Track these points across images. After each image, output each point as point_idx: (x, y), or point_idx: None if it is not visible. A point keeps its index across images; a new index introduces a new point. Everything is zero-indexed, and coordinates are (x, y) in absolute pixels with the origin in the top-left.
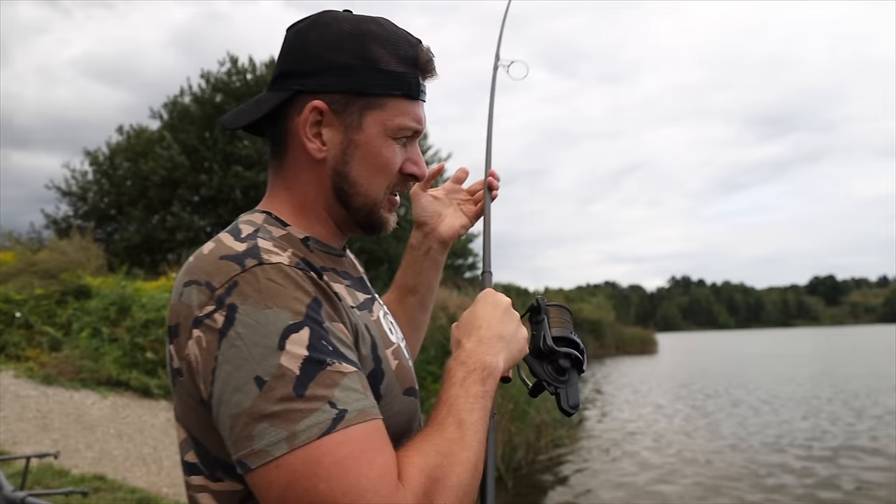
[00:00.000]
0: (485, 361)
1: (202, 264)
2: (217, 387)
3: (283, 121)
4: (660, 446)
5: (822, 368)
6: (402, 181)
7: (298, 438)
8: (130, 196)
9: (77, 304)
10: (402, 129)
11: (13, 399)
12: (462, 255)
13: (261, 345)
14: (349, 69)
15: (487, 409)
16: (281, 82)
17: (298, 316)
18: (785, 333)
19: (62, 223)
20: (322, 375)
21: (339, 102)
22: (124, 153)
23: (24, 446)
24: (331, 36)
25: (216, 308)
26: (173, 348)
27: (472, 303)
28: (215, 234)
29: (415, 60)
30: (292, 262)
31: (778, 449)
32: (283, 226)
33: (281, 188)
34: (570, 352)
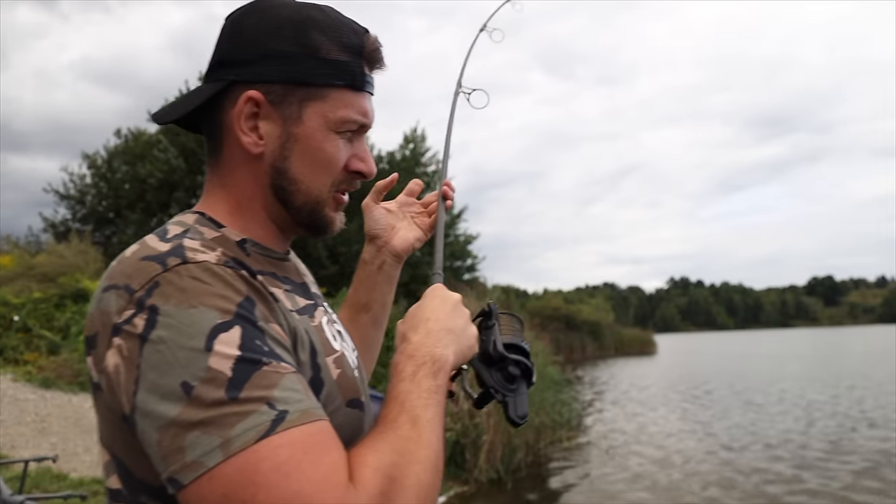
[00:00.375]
0: (434, 354)
1: (122, 268)
2: (140, 398)
3: (217, 114)
4: (659, 447)
5: (821, 369)
6: (347, 178)
7: (234, 444)
8: (128, 199)
9: (75, 308)
10: (346, 122)
11: (11, 403)
12: (461, 256)
13: (186, 347)
14: (288, 57)
15: (442, 404)
16: (215, 72)
17: (227, 315)
18: (784, 334)
19: (60, 226)
20: (258, 375)
21: (276, 93)
22: (122, 156)
23: (23, 450)
24: (268, 22)
25: (136, 311)
26: (91, 361)
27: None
28: None
29: (360, 49)
30: (220, 260)
31: (776, 451)
32: (218, 227)
33: (217, 187)
34: (521, 359)
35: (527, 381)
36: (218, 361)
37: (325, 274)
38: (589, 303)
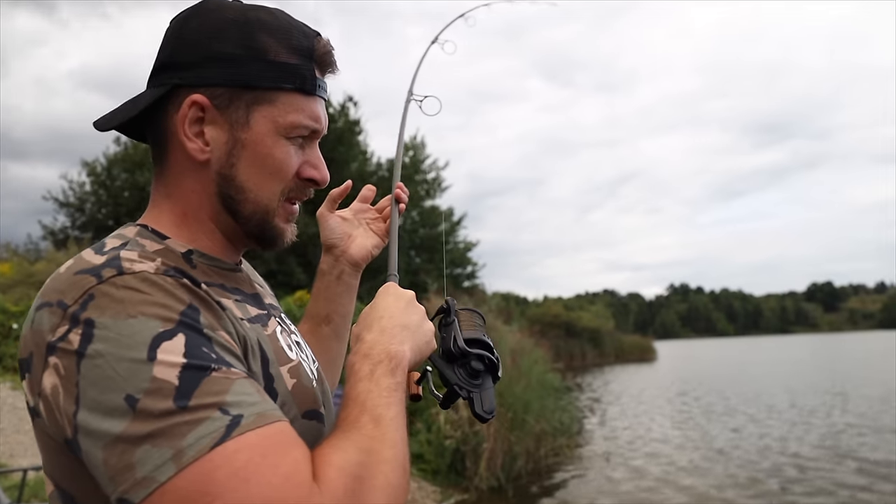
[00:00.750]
0: (390, 351)
1: (55, 284)
2: (82, 417)
3: (162, 119)
4: (659, 455)
5: (820, 375)
6: (299, 186)
7: (187, 455)
8: (128, 207)
9: None
10: (296, 127)
11: (10, 411)
12: (461, 264)
13: (127, 359)
14: (233, 59)
15: (402, 402)
16: (159, 76)
17: (170, 323)
18: (784, 340)
19: (60, 234)
20: (207, 382)
21: (222, 97)
22: (122, 164)
23: (21, 459)
24: (213, 24)
25: (70, 327)
26: (27, 385)
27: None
28: None
29: (310, 52)
30: (159, 269)
31: (775, 458)
32: (161, 239)
33: (162, 197)
34: (483, 354)
35: (492, 376)
36: (162, 371)
37: (297, 283)
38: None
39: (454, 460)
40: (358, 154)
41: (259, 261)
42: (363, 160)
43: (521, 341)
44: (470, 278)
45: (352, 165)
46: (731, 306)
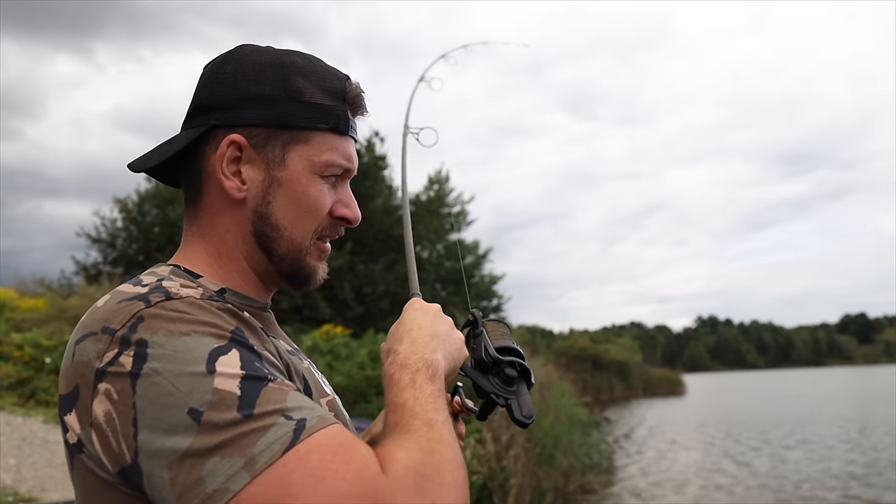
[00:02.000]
0: (426, 359)
1: (96, 315)
2: (143, 438)
3: (198, 160)
4: (690, 491)
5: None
6: (332, 225)
7: (259, 461)
8: (158, 242)
9: None
10: (331, 166)
11: (42, 445)
12: (487, 296)
13: (186, 373)
14: (270, 100)
15: (447, 409)
16: (195, 118)
17: (223, 339)
18: (817, 373)
19: (92, 269)
20: (266, 391)
21: (259, 136)
22: (152, 200)
23: (52, 493)
24: (249, 67)
25: (120, 350)
26: (71, 419)
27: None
28: None
29: (343, 94)
30: (204, 296)
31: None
32: (194, 277)
33: (196, 237)
34: (515, 360)
35: (526, 382)
36: (223, 382)
37: (352, 315)
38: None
39: (481, 496)
40: (383, 189)
41: (286, 296)
42: (388, 195)
43: (548, 374)
44: (495, 311)
45: (377, 200)
46: (761, 338)
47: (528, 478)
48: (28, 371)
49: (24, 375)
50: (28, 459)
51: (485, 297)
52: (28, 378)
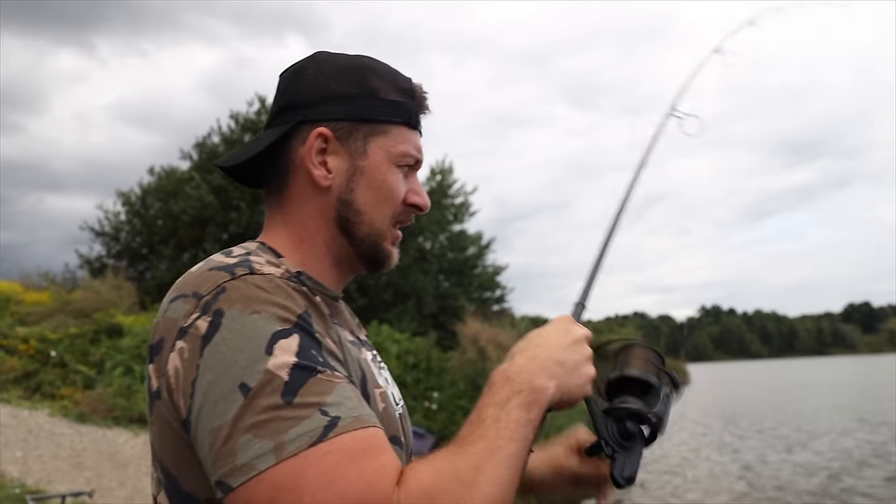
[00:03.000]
0: (534, 384)
1: (191, 278)
2: (198, 398)
3: (284, 153)
4: (694, 480)
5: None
6: (405, 211)
7: (286, 449)
8: (161, 235)
9: (110, 343)
10: (405, 156)
11: (48, 437)
12: (490, 287)
13: (247, 350)
14: (351, 97)
15: (528, 440)
16: (281, 117)
17: (287, 323)
18: (821, 362)
19: (95, 263)
20: (312, 382)
21: (343, 130)
22: (155, 193)
23: (59, 484)
24: (329, 69)
25: (201, 314)
26: (153, 368)
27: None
28: None
29: (411, 93)
30: (284, 275)
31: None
32: (277, 257)
33: (279, 224)
34: (642, 414)
35: (646, 439)
36: (276, 365)
37: (355, 307)
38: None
39: None
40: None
41: None
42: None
43: None
44: (499, 302)
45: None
46: (764, 328)
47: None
48: (33, 364)
49: (30, 369)
50: (34, 452)
51: (488, 288)
52: (34, 371)
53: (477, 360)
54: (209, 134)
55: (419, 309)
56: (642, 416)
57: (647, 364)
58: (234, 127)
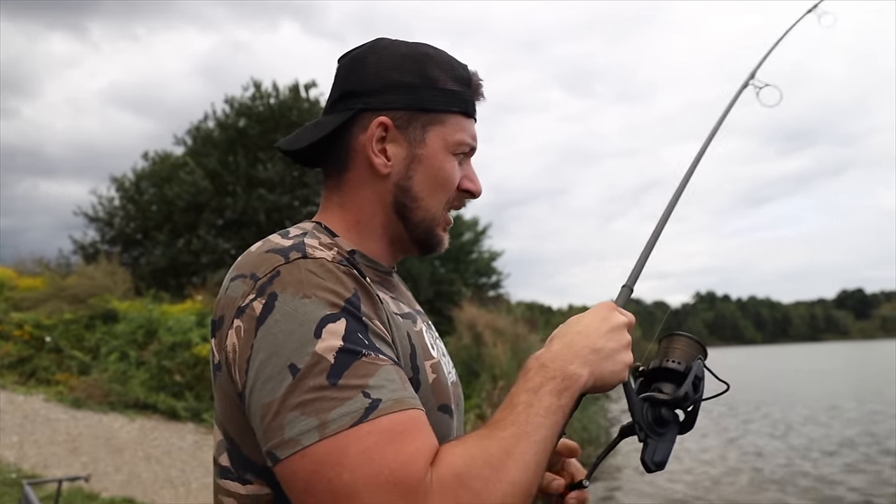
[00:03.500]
0: (567, 371)
1: (249, 259)
2: (251, 375)
3: (345, 139)
4: (688, 465)
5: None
6: (458, 197)
7: (329, 427)
8: (156, 221)
9: (105, 328)
10: (462, 145)
11: (44, 423)
12: (486, 273)
13: (297, 333)
14: (411, 87)
15: (558, 426)
16: (341, 103)
17: (336, 307)
18: (814, 348)
19: (90, 248)
20: (357, 365)
21: (402, 119)
22: (149, 179)
23: (55, 469)
24: (390, 58)
25: (256, 296)
26: (215, 342)
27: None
28: (239, 257)
29: (468, 81)
30: (335, 258)
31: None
32: (332, 236)
33: (336, 205)
34: (672, 398)
35: (680, 426)
36: (323, 348)
37: None
38: None
39: None
40: None
41: None
42: None
43: None
44: (495, 288)
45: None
46: (759, 314)
47: None
48: (28, 350)
49: (25, 354)
50: (30, 437)
51: (484, 274)
52: (28, 357)
53: (473, 346)
54: (204, 118)
55: (415, 294)
56: (677, 404)
57: (687, 355)
58: (229, 112)
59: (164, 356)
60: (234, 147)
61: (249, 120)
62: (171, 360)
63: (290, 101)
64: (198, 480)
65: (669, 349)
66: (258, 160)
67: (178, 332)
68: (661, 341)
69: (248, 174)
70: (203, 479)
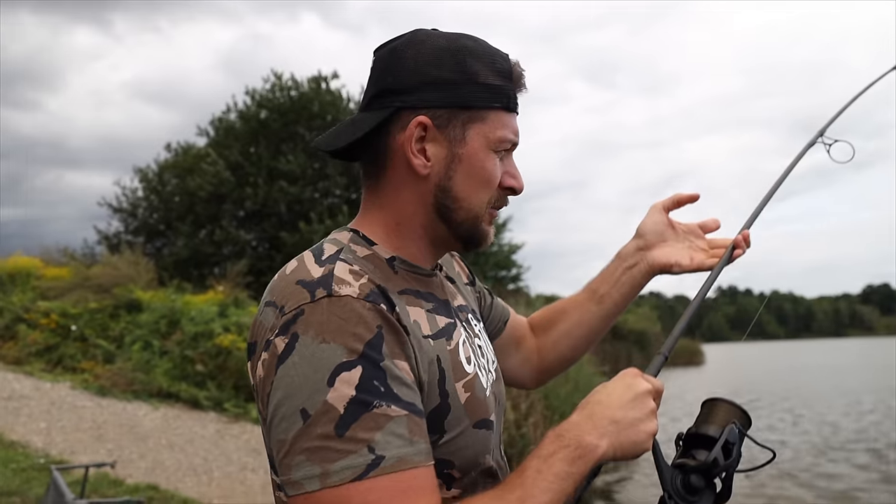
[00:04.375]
0: (583, 441)
1: (282, 285)
2: (270, 410)
3: (383, 138)
4: None
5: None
6: (501, 195)
7: (331, 479)
8: (178, 212)
9: (129, 318)
10: (503, 142)
11: (70, 410)
12: (506, 266)
13: (312, 378)
14: (450, 84)
15: (565, 492)
16: (379, 101)
17: (354, 354)
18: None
19: (113, 239)
20: (366, 417)
21: (441, 117)
22: (172, 170)
23: (81, 455)
24: (428, 52)
25: (280, 333)
26: (250, 365)
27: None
28: (260, 248)
29: (509, 74)
30: (362, 293)
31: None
32: (370, 245)
33: (375, 207)
34: (701, 465)
35: (715, 495)
36: (335, 398)
37: None
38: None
39: None
40: None
41: None
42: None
43: None
44: (514, 281)
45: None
46: (781, 309)
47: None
48: (55, 338)
49: (51, 342)
50: (57, 423)
51: (504, 267)
52: (55, 345)
53: None
54: (227, 110)
55: None
56: (708, 470)
57: (725, 420)
58: (250, 104)
59: (186, 346)
60: (256, 139)
61: (270, 112)
62: (193, 350)
63: (312, 93)
64: (220, 469)
65: (709, 414)
66: (280, 152)
67: (200, 322)
68: (702, 405)
69: (270, 166)
70: (225, 468)
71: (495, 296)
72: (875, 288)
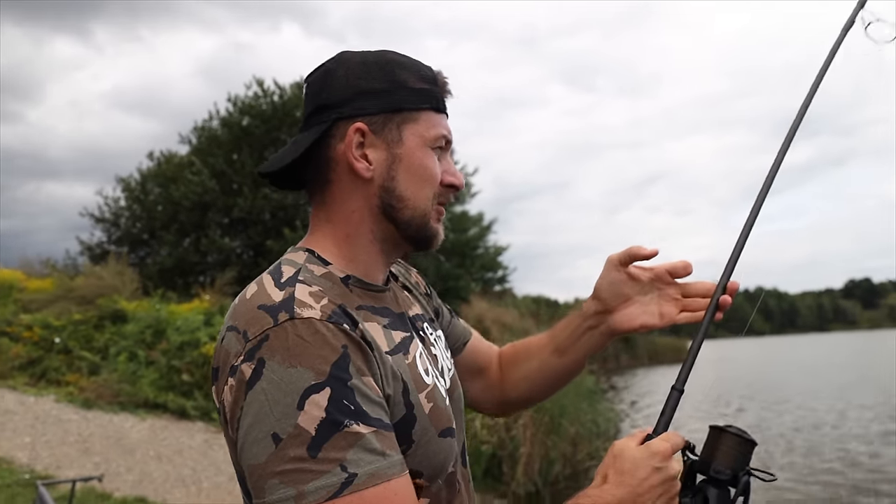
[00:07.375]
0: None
1: (243, 310)
2: (240, 435)
3: (324, 151)
4: None
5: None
6: (443, 192)
7: (306, 499)
8: (162, 221)
9: (114, 329)
10: (438, 138)
11: (55, 423)
12: (491, 268)
13: (282, 403)
14: (382, 92)
15: None
16: (316, 117)
17: (321, 376)
18: (821, 339)
19: (97, 249)
20: (337, 437)
21: (377, 122)
22: (155, 179)
23: (68, 470)
24: (357, 68)
25: (246, 359)
26: (215, 390)
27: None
28: (245, 256)
29: (434, 80)
30: (324, 314)
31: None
32: (325, 264)
33: (323, 221)
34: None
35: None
36: (305, 420)
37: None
38: None
39: (490, 465)
40: None
41: None
42: None
43: None
44: (500, 282)
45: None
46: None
47: (537, 447)
48: (38, 351)
49: (35, 355)
50: (42, 438)
51: (489, 269)
52: (38, 358)
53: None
54: (209, 118)
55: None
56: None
57: (734, 460)
58: (233, 110)
59: (172, 356)
60: (240, 146)
61: (253, 118)
62: (179, 360)
63: (295, 100)
64: (209, 479)
65: (718, 448)
66: (264, 158)
67: (186, 331)
68: (710, 432)
69: (254, 173)
70: (214, 479)
71: (456, 315)
72: (857, 282)
